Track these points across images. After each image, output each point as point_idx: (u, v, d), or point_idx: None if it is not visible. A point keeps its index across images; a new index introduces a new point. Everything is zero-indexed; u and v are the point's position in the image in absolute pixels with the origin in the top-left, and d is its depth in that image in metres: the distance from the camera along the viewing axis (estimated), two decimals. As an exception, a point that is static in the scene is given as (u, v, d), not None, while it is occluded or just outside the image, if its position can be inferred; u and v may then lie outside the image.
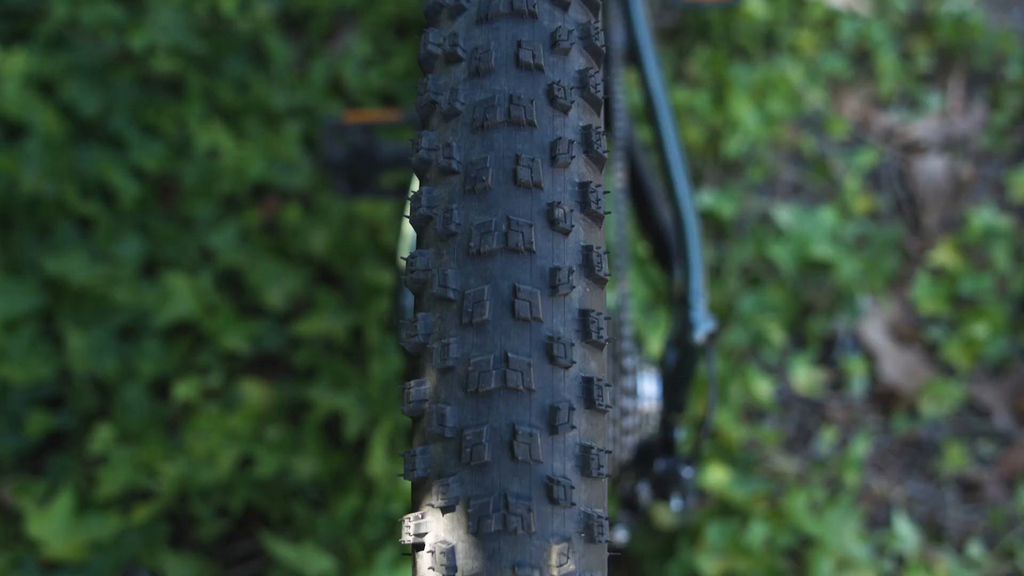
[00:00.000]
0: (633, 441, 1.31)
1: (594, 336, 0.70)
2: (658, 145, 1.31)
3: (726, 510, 1.87)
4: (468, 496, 0.67)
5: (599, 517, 0.69)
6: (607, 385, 0.70)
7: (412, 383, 0.70)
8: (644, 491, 1.39)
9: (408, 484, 1.19)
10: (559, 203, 0.70)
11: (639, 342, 1.95)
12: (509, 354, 0.67)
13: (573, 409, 0.68)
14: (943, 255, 2.30)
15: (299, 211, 2.04)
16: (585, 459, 0.69)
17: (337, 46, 2.38)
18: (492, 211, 0.70)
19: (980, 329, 2.18)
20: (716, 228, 2.30)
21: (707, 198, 2.28)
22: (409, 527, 0.70)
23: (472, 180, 0.70)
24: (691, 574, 1.81)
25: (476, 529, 0.66)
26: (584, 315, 0.70)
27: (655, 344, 1.94)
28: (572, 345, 0.69)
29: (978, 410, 2.17)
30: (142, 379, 1.87)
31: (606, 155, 0.74)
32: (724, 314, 2.14)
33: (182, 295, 1.90)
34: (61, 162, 1.99)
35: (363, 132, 1.78)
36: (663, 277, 1.66)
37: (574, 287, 0.70)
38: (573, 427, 0.68)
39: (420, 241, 0.73)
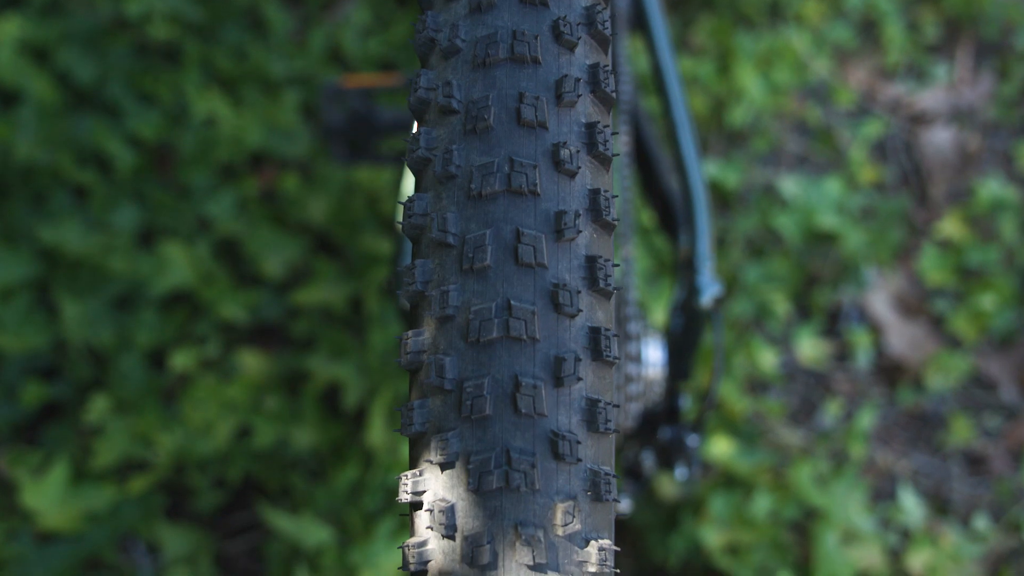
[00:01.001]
0: (637, 409, 1.29)
1: (601, 284, 0.67)
2: (665, 107, 1.28)
3: (730, 482, 1.85)
4: (468, 451, 0.64)
5: (606, 474, 0.66)
6: (615, 336, 0.67)
7: (410, 333, 0.67)
8: (648, 460, 1.36)
9: (406, 444, 1.18)
10: (565, 143, 0.67)
11: (643, 313, 1.92)
12: (512, 302, 0.64)
13: (579, 360, 0.65)
14: (950, 227, 2.27)
15: (298, 180, 2.01)
16: (592, 413, 0.65)
17: (336, 14, 2.34)
18: (494, 152, 0.66)
19: (987, 301, 2.16)
20: (720, 199, 2.27)
21: (711, 168, 2.25)
22: (406, 485, 0.67)
23: (473, 119, 0.67)
24: (694, 546, 1.79)
25: (477, 486, 0.63)
26: (591, 261, 0.67)
27: (659, 315, 1.91)
28: (578, 293, 0.66)
29: (984, 383, 2.15)
30: (138, 349, 1.84)
31: (614, 95, 0.70)
32: (728, 285, 2.11)
33: (179, 264, 1.87)
34: (56, 130, 1.96)
35: (362, 97, 1.74)
36: (668, 245, 1.64)
37: (580, 232, 0.66)
38: (579, 379, 0.65)
39: (418, 185, 0.70)
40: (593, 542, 0.65)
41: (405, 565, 0.67)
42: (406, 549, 0.66)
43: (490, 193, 0.65)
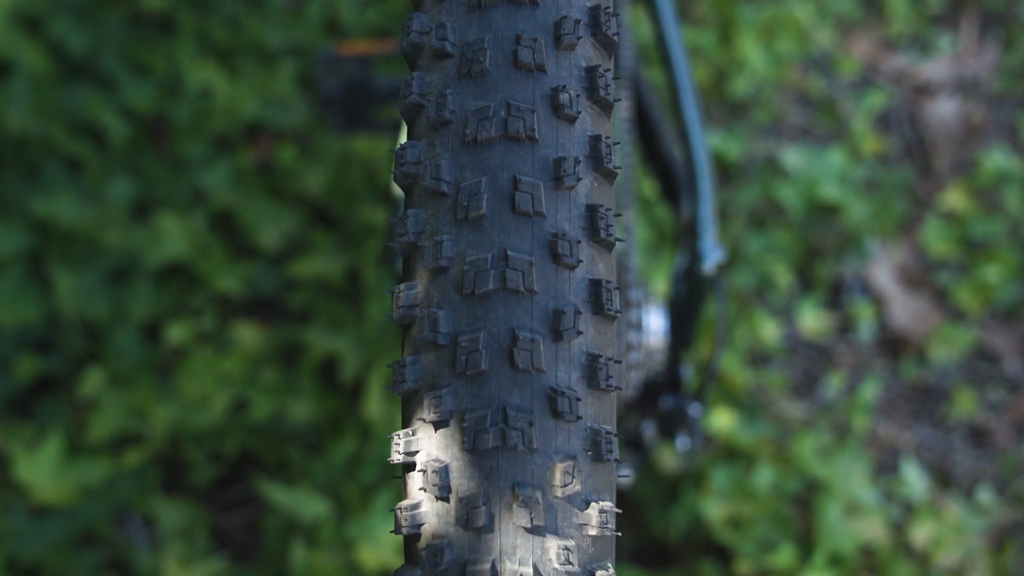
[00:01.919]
0: (638, 377, 1.27)
1: (603, 234, 0.64)
2: (667, 70, 1.25)
3: (732, 454, 1.83)
4: (463, 409, 0.61)
5: (607, 433, 0.63)
6: (617, 289, 0.64)
7: (402, 286, 0.64)
8: (649, 430, 1.34)
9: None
10: (564, 87, 0.64)
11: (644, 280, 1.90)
12: (508, 252, 0.61)
13: (579, 313, 0.62)
14: (954, 198, 2.25)
15: (294, 151, 1.99)
16: (592, 369, 0.63)
17: (333, -17, 2.31)
18: (490, 96, 0.63)
19: (991, 273, 2.13)
20: (722, 170, 2.24)
21: (713, 139, 2.22)
22: (399, 445, 0.64)
23: (468, 63, 0.64)
24: (695, 519, 1.77)
25: (472, 445, 0.61)
26: (592, 211, 0.64)
27: (660, 285, 1.89)
28: (578, 243, 0.63)
29: (988, 356, 2.13)
30: (133, 322, 1.82)
31: (616, 38, 0.67)
32: (730, 256, 2.08)
33: (174, 236, 1.85)
34: (49, 101, 1.94)
35: (358, 65, 1.72)
36: (670, 215, 1.61)
37: (581, 179, 0.63)
38: (579, 333, 0.62)
39: (411, 132, 0.67)
40: (594, 504, 0.62)
41: (397, 528, 0.64)
42: (398, 512, 0.64)
43: (486, 139, 0.63)
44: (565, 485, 0.61)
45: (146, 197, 1.94)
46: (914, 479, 1.89)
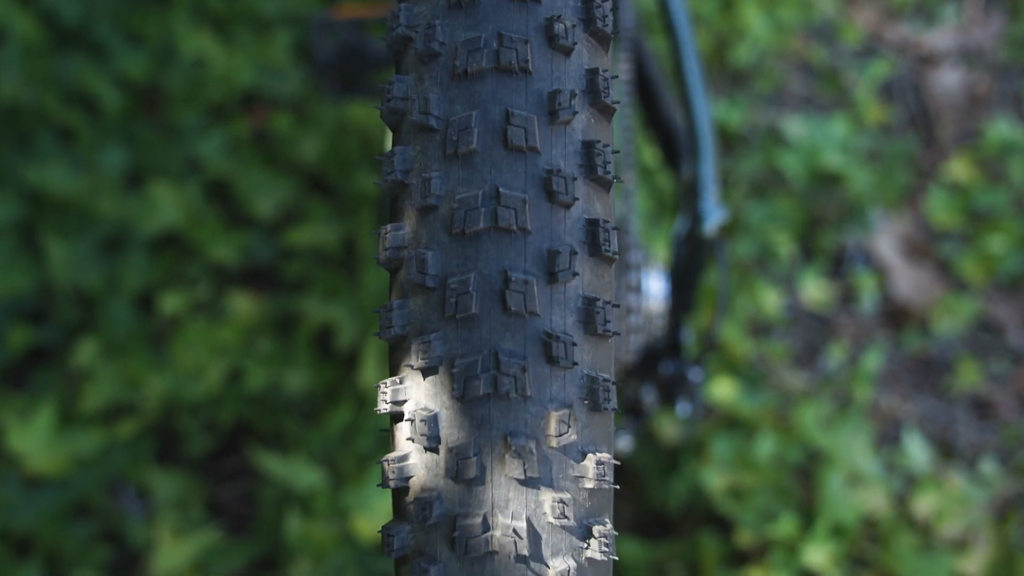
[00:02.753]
0: (638, 342, 1.25)
1: (600, 171, 0.61)
2: (668, 27, 1.22)
3: (732, 424, 1.81)
4: (453, 355, 0.59)
5: (605, 381, 0.60)
6: (615, 229, 0.61)
7: (388, 227, 0.61)
8: (649, 396, 1.32)
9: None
10: (559, 17, 0.61)
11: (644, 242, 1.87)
12: (500, 189, 0.58)
13: (575, 254, 0.59)
14: (958, 168, 2.22)
15: (289, 119, 1.96)
16: (589, 313, 0.60)
17: (329, -49, 2.28)
18: (481, 26, 0.60)
19: (995, 243, 2.11)
20: (723, 140, 2.21)
21: (714, 108, 2.20)
22: (385, 393, 0.61)
23: None
24: (695, 489, 1.76)
25: (462, 393, 0.58)
26: (588, 147, 0.61)
27: (661, 254, 1.87)
28: (574, 180, 0.60)
29: (991, 327, 2.11)
30: (127, 292, 1.80)
31: None
32: (732, 219, 2.06)
33: (168, 205, 1.83)
34: (41, 70, 1.91)
35: (354, 29, 1.68)
36: (670, 179, 1.59)
37: (577, 114, 0.60)
38: (575, 274, 0.59)
39: (399, 67, 0.64)
40: (590, 455, 0.60)
41: (385, 481, 0.62)
42: (385, 464, 0.62)
43: (476, 71, 0.60)
44: (560, 435, 0.59)
45: (140, 166, 1.91)
46: (916, 450, 1.87)
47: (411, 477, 0.61)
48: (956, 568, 1.71)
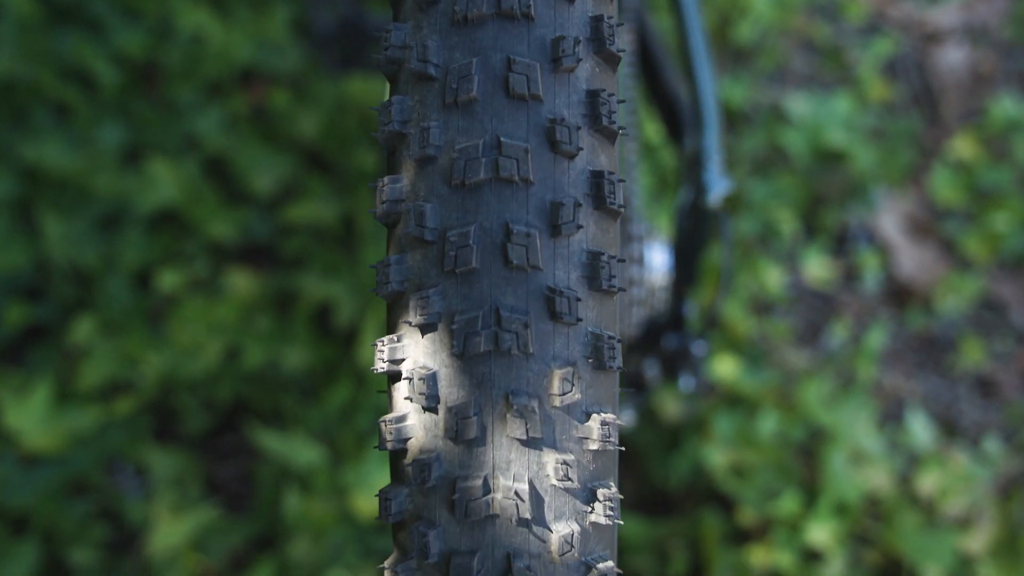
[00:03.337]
0: (641, 315, 1.23)
1: (605, 121, 0.59)
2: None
3: (735, 401, 1.80)
4: (452, 311, 0.57)
5: (610, 338, 0.58)
6: (620, 181, 0.60)
7: (385, 179, 0.59)
8: (651, 370, 1.31)
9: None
10: None
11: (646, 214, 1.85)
12: (502, 139, 0.56)
13: (579, 206, 0.57)
14: (962, 146, 2.20)
15: (288, 95, 1.94)
16: (594, 268, 0.58)
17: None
18: None
19: (999, 221, 2.09)
20: (726, 117, 2.19)
21: (718, 82, 2.17)
22: (382, 352, 0.60)
23: None
24: (697, 467, 1.74)
25: (462, 350, 0.56)
26: (593, 96, 0.59)
27: (663, 231, 1.85)
28: (578, 130, 0.58)
29: (995, 306, 2.09)
30: (124, 269, 1.78)
31: None
32: (735, 199, 2.04)
33: (165, 182, 1.81)
34: (37, 46, 1.89)
35: (353, 3, 1.67)
36: (673, 153, 1.57)
37: (581, 61, 0.58)
38: (579, 227, 0.57)
39: (396, 14, 0.62)
40: (595, 415, 0.58)
41: (382, 443, 0.60)
42: (383, 425, 0.60)
43: (477, 16, 0.58)
44: (564, 394, 0.57)
45: (137, 143, 1.89)
46: (920, 429, 1.86)
47: (409, 438, 0.59)
48: (960, 546, 1.70)
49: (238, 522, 1.66)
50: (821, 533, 1.68)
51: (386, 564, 0.61)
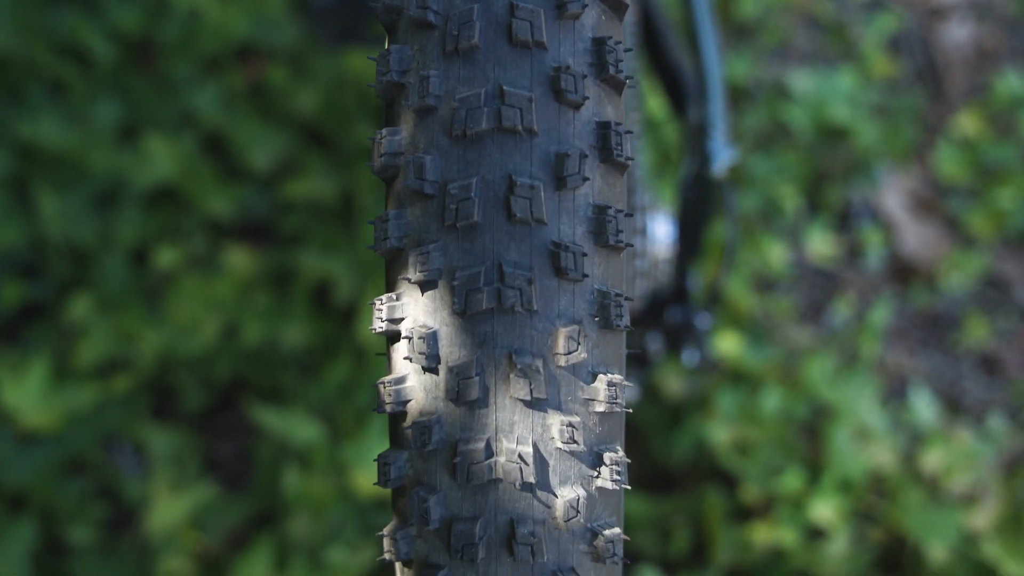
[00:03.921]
0: (644, 287, 1.21)
1: (611, 70, 0.56)
2: None
3: (738, 378, 1.78)
4: (453, 267, 0.55)
5: (617, 296, 0.56)
6: (628, 132, 0.57)
7: (384, 131, 0.57)
8: (655, 344, 1.29)
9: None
10: None
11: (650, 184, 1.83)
12: (504, 88, 0.54)
13: (585, 157, 0.55)
14: (967, 123, 2.18)
15: (286, 71, 1.92)
16: (600, 222, 0.56)
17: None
18: None
19: (1004, 197, 2.07)
20: (728, 93, 2.17)
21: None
22: (381, 311, 0.58)
23: None
24: (700, 444, 1.73)
25: (463, 308, 0.54)
26: (599, 44, 0.57)
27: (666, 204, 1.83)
28: (584, 78, 0.55)
29: (999, 283, 2.07)
30: (121, 246, 1.77)
31: None
32: (739, 171, 2.02)
33: (162, 158, 1.79)
34: (32, 21, 1.87)
35: (351, -26, 1.64)
36: (676, 125, 1.55)
37: (586, 7, 0.56)
38: (585, 179, 0.55)
39: None
40: (601, 376, 0.56)
41: (380, 406, 0.59)
42: (381, 387, 0.58)
43: None
44: (569, 353, 0.55)
45: (133, 119, 1.87)
46: (923, 406, 1.84)
47: (409, 400, 0.57)
48: (964, 523, 1.69)
49: (237, 500, 1.65)
50: (825, 510, 1.66)
51: (385, 531, 0.60)
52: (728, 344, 1.76)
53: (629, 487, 0.59)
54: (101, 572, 1.61)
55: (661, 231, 1.20)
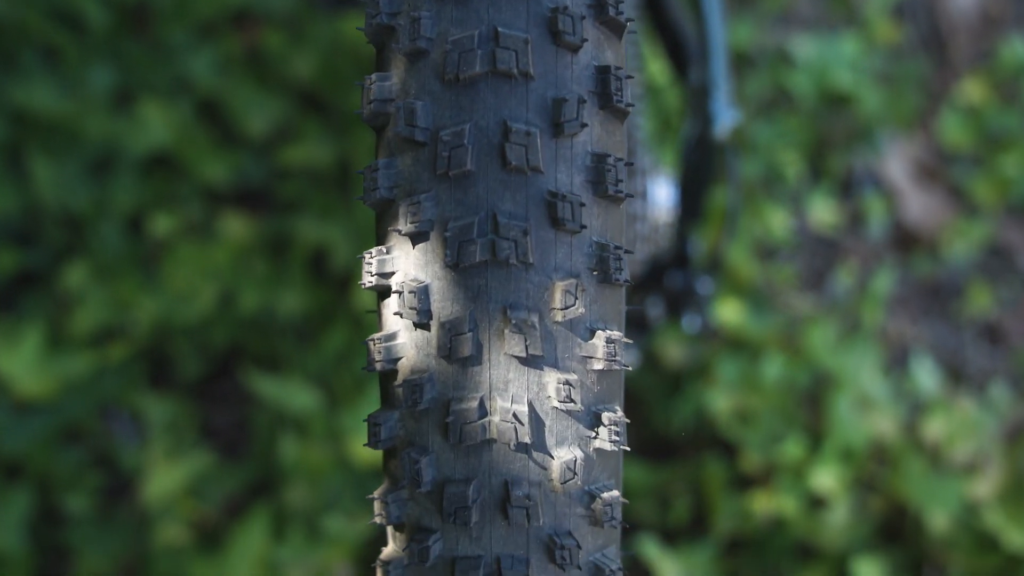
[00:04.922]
0: (645, 252, 1.20)
1: (611, 11, 0.54)
2: None
3: (739, 345, 1.77)
4: (445, 218, 0.53)
5: (616, 249, 0.54)
6: (628, 77, 0.55)
7: (373, 77, 0.55)
8: (655, 310, 1.27)
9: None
10: None
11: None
12: (499, 29, 0.52)
13: (584, 103, 0.53)
14: (971, 89, 2.16)
15: (282, 36, 1.89)
16: (599, 171, 0.54)
17: None
18: None
19: (1008, 165, 2.05)
20: (731, 59, 2.15)
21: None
22: (370, 265, 0.56)
23: None
24: (700, 413, 1.72)
25: (455, 260, 0.52)
26: None
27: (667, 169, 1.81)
28: (583, 19, 0.53)
29: (1002, 252, 2.06)
30: (116, 213, 1.75)
31: None
32: (741, 133, 2.00)
33: (157, 124, 1.77)
34: (24, -14, 1.85)
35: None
36: (679, 90, 1.53)
37: None
38: (584, 126, 0.53)
39: None
40: (600, 332, 0.54)
41: (370, 364, 0.57)
42: (371, 345, 0.56)
43: None
44: (566, 308, 0.53)
45: (128, 85, 1.85)
46: (925, 375, 1.83)
47: (399, 358, 0.56)
48: (966, 491, 1.68)
49: (234, 468, 1.64)
50: (826, 478, 1.65)
51: (376, 494, 0.58)
52: (729, 311, 1.75)
53: (628, 448, 0.58)
54: (98, 540, 1.60)
55: (662, 194, 1.18)
